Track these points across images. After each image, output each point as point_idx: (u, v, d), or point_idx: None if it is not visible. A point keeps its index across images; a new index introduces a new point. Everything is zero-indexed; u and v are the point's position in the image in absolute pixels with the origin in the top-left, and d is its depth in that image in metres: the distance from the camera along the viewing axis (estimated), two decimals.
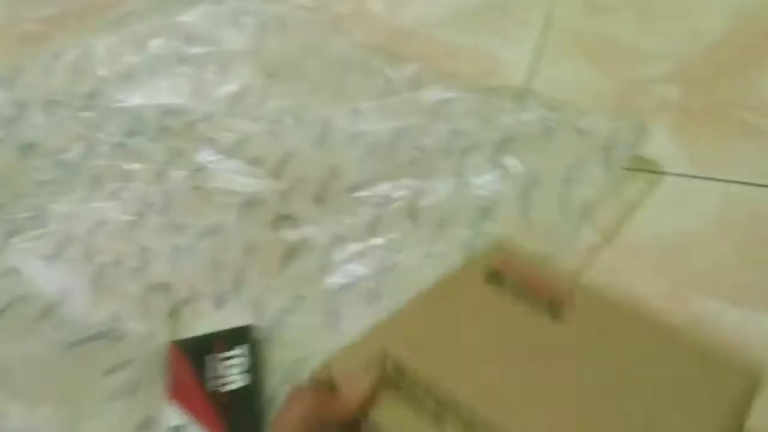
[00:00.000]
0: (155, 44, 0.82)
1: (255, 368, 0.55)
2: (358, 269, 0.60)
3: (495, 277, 0.39)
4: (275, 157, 0.71)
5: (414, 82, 0.71)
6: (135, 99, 0.79)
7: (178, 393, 0.53)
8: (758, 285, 0.54)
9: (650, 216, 0.61)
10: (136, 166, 0.70)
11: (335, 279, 0.60)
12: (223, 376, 0.54)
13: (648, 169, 0.65)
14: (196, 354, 0.56)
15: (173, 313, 0.60)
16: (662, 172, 0.64)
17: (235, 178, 0.69)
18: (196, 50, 0.80)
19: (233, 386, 0.54)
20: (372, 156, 0.69)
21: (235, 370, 0.55)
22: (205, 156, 0.70)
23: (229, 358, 0.55)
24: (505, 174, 0.62)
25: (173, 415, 0.52)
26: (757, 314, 0.52)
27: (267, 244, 0.62)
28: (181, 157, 0.70)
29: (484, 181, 0.62)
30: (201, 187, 0.67)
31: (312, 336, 0.57)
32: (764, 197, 0.61)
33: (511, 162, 0.62)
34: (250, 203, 0.65)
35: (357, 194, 0.64)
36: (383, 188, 0.64)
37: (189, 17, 0.85)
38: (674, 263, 0.58)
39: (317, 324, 0.58)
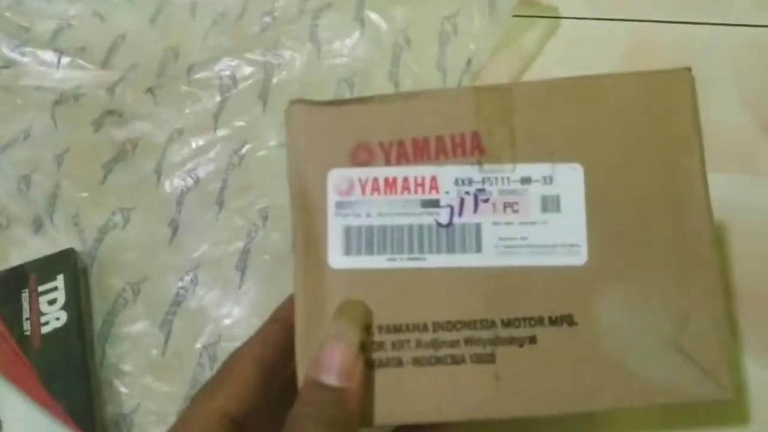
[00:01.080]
0: None
1: (76, 302, 0.44)
2: (201, 168, 0.49)
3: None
4: (103, 44, 0.58)
5: None
6: None
7: None
8: None
9: (547, 68, 0.53)
10: None
11: (173, 182, 0.49)
12: (40, 315, 0.44)
13: (543, 14, 0.54)
14: (3, 293, 0.45)
15: None
16: (559, 17, 0.54)
17: (52, 72, 0.56)
18: None
19: (50, 327, 0.44)
20: (217, 29, 0.56)
21: (54, 307, 0.44)
22: (12, 49, 0.57)
23: (45, 292, 0.45)
24: (369, 35, 0.51)
25: None
26: None
27: (87, 147, 0.51)
28: None
29: (345, 47, 0.51)
30: (6, 87, 0.54)
31: (148, 254, 0.47)
32: (671, 34, 0.53)
33: (376, 19, 0.51)
34: (68, 100, 0.53)
35: (198, 76, 0.53)
36: (229, 66, 0.53)
37: None
38: None
39: (153, 239, 0.48)
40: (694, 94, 0.30)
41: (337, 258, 0.30)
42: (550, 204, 0.30)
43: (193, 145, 0.50)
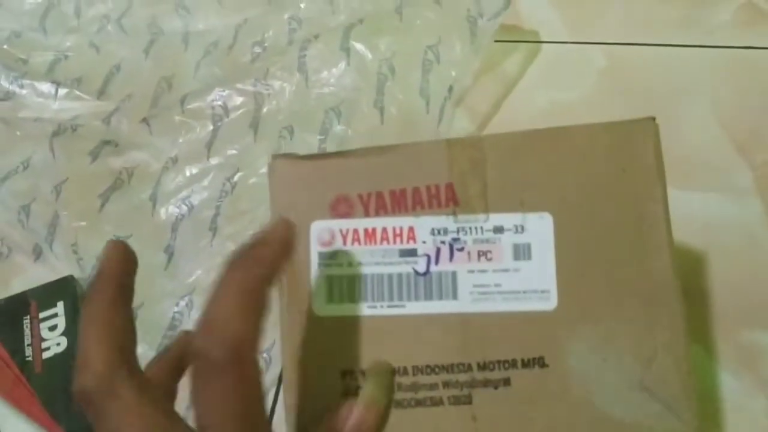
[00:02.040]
0: None
1: (76, 327, 0.46)
2: (195, 196, 0.51)
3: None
4: (98, 75, 0.60)
5: None
6: None
7: None
8: None
9: (528, 92, 0.54)
10: None
11: (168, 210, 0.51)
12: (41, 341, 0.46)
13: (524, 39, 0.56)
14: (6, 319, 0.47)
15: None
16: (540, 41, 0.56)
17: (49, 103, 0.58)
18: None
19: (51, 352, 0.45)
20: (209, 59, 0.58)
21: (54, 333, 0.46)
22: (10, 81, 0.59)
23: (46, 318, 0.47)
24: (355, 65, 0.53)
25: None
26: None
27: (85, 177, 0.52)
28: None
29: (332, 76, 0.53)
30: (5, 120, 0.56)
31: (144, 280, 0.48)
32: (650, 56, 0.54)
33: (361, 49, 0.53)
34: (65, 131, 0.55)
35: (191, 106, 0.54)
36: (220, 96, 0.54)
37: None
38: None
39: (150, 265, 0.49)
40: (658, 142, 0.31)
41: (320, 306, 0.31)
42: (522, 252, 0.31)
43: (187, 174, 0.52)
